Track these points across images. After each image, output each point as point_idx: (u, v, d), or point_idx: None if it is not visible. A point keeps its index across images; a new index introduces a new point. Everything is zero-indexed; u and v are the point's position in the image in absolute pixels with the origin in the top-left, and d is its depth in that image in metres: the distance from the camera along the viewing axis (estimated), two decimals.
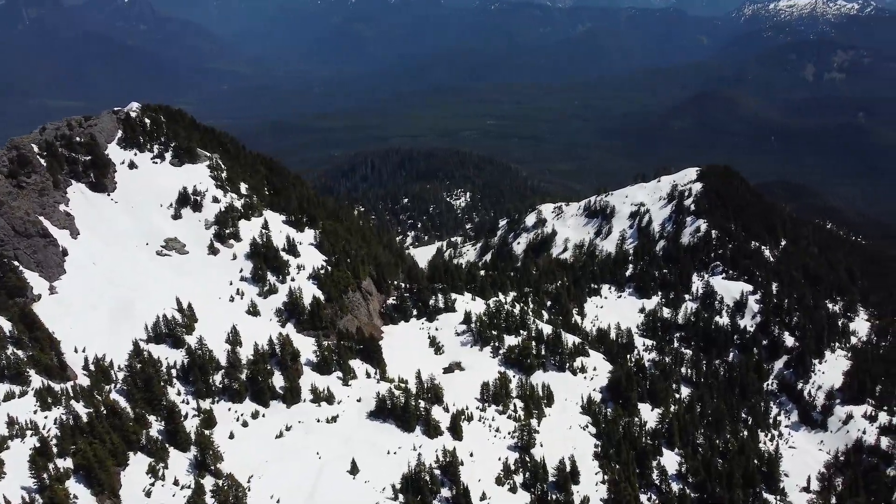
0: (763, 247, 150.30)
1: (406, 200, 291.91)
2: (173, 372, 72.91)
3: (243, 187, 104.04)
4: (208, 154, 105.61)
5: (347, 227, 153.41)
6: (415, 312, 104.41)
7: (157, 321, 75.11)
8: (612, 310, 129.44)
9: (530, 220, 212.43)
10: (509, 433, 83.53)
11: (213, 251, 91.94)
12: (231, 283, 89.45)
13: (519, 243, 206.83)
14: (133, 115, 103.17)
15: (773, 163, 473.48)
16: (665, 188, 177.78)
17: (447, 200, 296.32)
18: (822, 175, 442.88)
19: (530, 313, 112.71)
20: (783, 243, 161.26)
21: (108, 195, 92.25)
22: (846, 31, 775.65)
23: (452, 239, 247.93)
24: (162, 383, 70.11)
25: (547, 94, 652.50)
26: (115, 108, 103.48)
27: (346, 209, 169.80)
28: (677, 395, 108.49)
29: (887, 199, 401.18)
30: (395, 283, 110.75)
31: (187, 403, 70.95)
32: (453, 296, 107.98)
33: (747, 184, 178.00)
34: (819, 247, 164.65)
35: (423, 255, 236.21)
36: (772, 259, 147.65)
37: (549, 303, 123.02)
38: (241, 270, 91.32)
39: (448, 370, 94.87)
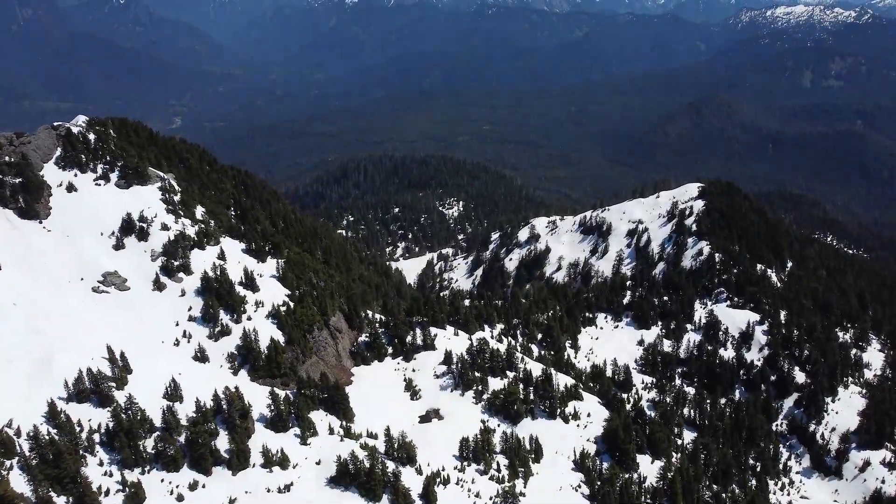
0: (769, 270, 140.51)
1: (397, 210, 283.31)
2: (96, 437, 62.31)
3: (199, 211, 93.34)
4: (161, 174, 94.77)
5: (325, 247, 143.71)
6: (390, 351, 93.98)
7: (79, 375, 64.31)
8: (609, 341, 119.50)
9: (523, 234, 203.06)
10: (491, 498, 73.12)
11: (158, 286, 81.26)
12: (177, 324, 78.82)
13: (511, 259, 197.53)
14: (76, 130, 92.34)
15: (770, 170, 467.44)
16: (664, 205, 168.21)
17: (440, 210, 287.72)
18: (820, 183, 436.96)
19: (518, 349, 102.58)
20: (789, 265, 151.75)
21: (41, 222, 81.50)
22: (844, 39, 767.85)
23: (444, 251, 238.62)
24: (80, 452, 59.65)
25: (543, 99, 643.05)
26: (56, 123, 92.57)
27: (325, 227, 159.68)
28: (679, 441, 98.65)
29: (886, 207, 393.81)
30: (371, 315, 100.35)
31: (110, 476, 60.27)
32: (433, 331, 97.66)
33: (751, 200, 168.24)
34: (827, 269, 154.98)
35: (413, 268, 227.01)
36: (779, 284, 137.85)
37: (539, 336, 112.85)
38: (189, 308, 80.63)
39: (425, 419, 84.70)
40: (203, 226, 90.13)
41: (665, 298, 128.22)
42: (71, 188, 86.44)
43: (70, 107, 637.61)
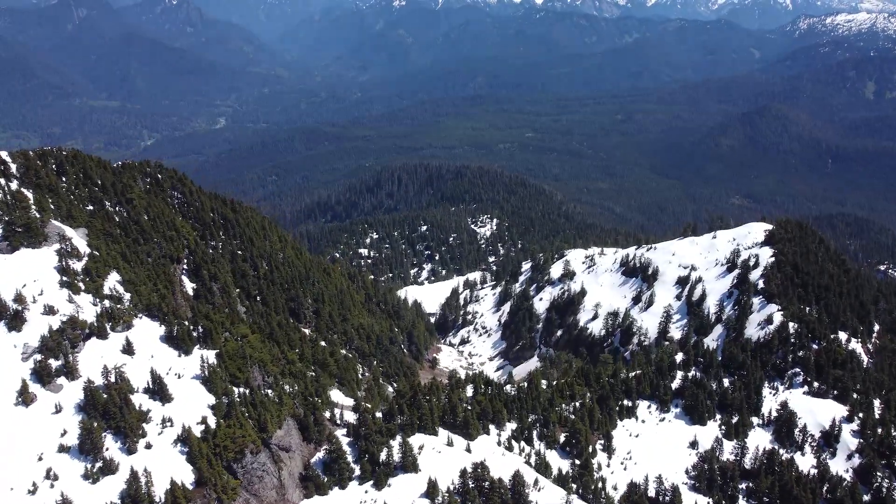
0: (854, 339, 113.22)
1: (424, 228, 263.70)
2: None
3: (113, 280, 70.93)
4: (66, 229, 72.58)
5: (317, 294, 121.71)
6: (357, 472, 70.23)
7: None
8: (652, 439, 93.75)
9: (556, 270, 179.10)
10: None
11: (24, 400, 58.68)
12: (41, 459, 56.12)
13: (542, 299, 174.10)
14: None
15: (829, 187, 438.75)
16: (723, 249, 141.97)
17: (471, 228, 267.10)
18: (883, 202, 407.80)
19: (532, 463, 78.30)
20: (875, 329, 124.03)
21: None
22: None
23: (471, 277, 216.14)
24: None
25: (588, 107, 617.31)
26: None
27: (321, 267, 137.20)
28: None
29: None
30: (338, 415, 76.80)
31: None
32: (418, 441, 73.50)
33: (828, 247, 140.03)
34: None
35: (437, 294, 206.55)
36: (869, 360, 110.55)
37: (562, 437, 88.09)
38: (63, 434, 57.89)
39: None
40: (111, 303, 67.62)
41: (725, 382, 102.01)
42: None
43: (118, 105, 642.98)
